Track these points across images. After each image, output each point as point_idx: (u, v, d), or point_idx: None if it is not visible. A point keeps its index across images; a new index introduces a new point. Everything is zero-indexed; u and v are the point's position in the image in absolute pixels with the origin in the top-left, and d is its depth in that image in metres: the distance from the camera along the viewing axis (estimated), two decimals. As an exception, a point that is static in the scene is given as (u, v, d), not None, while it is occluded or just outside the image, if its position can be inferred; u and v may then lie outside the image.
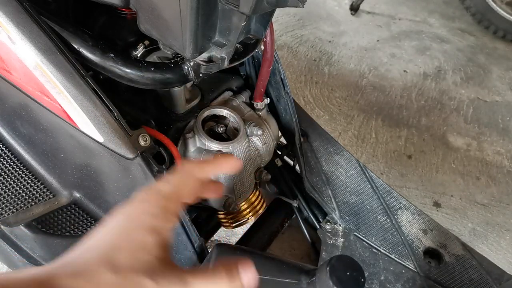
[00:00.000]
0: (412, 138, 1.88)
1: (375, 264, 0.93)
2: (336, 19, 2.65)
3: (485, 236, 1.52)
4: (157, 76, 0.68)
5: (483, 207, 1.62)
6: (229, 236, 1.34)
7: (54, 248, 0.74)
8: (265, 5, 0.52)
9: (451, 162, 1.79)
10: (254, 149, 0.93)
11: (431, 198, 1.63)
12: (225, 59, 0.66)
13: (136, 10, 0.62)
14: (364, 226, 0.98)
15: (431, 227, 0.97)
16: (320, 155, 1.06)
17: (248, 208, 0.99)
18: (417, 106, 2.06)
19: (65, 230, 0.75)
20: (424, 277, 0.90)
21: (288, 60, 2.25)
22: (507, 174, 1.76)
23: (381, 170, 1.71)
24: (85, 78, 0.64)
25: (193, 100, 0.87)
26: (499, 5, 2.47)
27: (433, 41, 2.55)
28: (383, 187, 1.02)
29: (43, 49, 0.62)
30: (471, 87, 2.22)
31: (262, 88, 0.93)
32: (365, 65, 2.29)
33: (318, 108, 1.97)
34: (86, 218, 0.78)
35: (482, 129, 1.97)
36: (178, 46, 0.62)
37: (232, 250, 0.66)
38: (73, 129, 0.68)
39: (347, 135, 1.85)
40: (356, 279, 0.33)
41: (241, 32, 0.61)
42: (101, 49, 0.66)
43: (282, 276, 0.40)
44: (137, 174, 0.68)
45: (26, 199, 0.76)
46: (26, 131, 0.76)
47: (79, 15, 0.81)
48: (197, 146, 0.84)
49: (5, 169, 0.77)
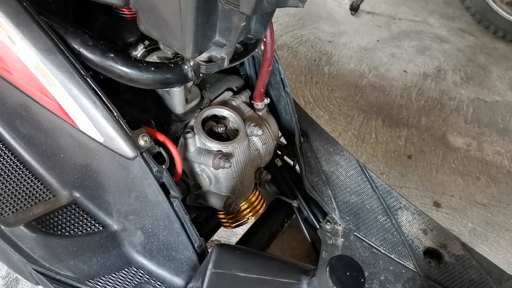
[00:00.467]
0: (412, 138, 1.88)
1: (375, 264, 0.93)
2: (336, 19, 2.65)
3: (485, 236, 1.52)
4: (157, 76, 0.68)
5: (483, 207, 1.62)
6: (229, 236, 1.34)
7: (54, 248, 0.74)
8: (265, 5, 0.52)
9: (451, 162, 1.79)
10: (254, 149, 0.93)
11: (431, 198, 1.63)
12: (225, 59, 0.66)
13: (136, 10, 0.62)
14: (364, 226, 0.98)
15: (431, 227, 0.97)
16: (320, 155, 1.06)
17: (248, 208, 0.99)
18: (417, 106, 2.06)
19: (65, 230, 0.75)
20: (424, 277, 0.90)
21: (288, 60, 2.25)
22: (507, 174, 1.76)
23: (381, 170, 1.71)
24: (85, 78, 0.64)
25: (193, 100, 0.87)
26: (499, 5, 2.47)
27: (433, 41, 2.55)
28: (383, 187, 1.02)
29: (43, 49, 0.62)
30: (471, 87, 2.22)
31: (262, 88, 0.93)
32: (365, 65, 2.29)
33: (318, 108, 1.97)
34: (86, 218, 0.78)
35: (482, 129, 1.97)
36: (178, 46, 0.62)
37: (232, 250, 0.65)
38: (73, 129, 0.68)
39: (347, 135, 1.85)
40: (356, 279, 0.33)
41: (241, 32, 0.61)
42: (101, 49, 0.66)
43: (282, 276, 0.40)
44: (137, 174, 0.68)
45: (26, 199, 0.76)
46: (26, 131, 0.76)
47: (79, 15, 0.81)
48: (197, 146, 0.84)
49: (5, 169, 0.78)
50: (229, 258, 0.62)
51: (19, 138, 0.78)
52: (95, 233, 0.77)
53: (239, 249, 0.65)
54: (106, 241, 0.78)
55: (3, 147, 0.78)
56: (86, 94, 0.63)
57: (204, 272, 0.62)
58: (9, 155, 0.78)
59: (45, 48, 0.62)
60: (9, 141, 0.78)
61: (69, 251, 0.76)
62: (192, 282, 0.71)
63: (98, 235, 0.77)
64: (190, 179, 0.88)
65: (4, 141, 0.78)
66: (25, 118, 0.74)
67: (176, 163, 0.76)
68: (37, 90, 0.67)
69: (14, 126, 0.77)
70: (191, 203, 0.91)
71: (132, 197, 0.73)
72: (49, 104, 0.67)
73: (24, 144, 0.78)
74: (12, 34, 0.62)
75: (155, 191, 0.69)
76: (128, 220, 0.77)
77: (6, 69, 0.68)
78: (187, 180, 0.88)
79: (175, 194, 0.70)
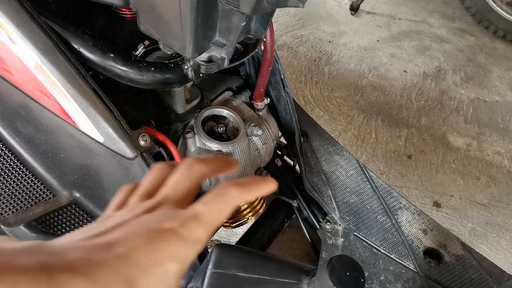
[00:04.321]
0: (412, 138, 1.88)
1: (375, 264, 0.93)
2: (336, 19, 2.65)
3: (485, 236, 1.53)
4: (157, 76, 0.68)
5: (483, 207, 1.62)
6: (229, 236, 1.34)
7: (54, 248, 0.74)
8: (265, 5, 0.52)
9: (451, 162, 1.79)
10: (254, 149, 0.93)
11: (431, 198, 1.63)
12: (225, 59, 0.66)
13: (136, 10, 0.62)
14: (364, 226, 0.98)
15: (431, 227, 0.97)
16: (320, 155, 1.06)
17: (248, 208, 0.99)
18: (417, 106, 2.06)
19: (65, 230, 0.75)
20: (424, 277, 0.90)
21: (288, 60, 2.25)
22: (507, 174, 1.76)
23: (381, 170, 1.71)
24: (85, 78, 0.64)
25: (193, 100, 0.87)
26: (499, 5, 2.47)
27: (433, 41, 2.56)
28: (383, 187, 1.02)
29: (43, 49, 0.62)
30: (471, 87, 2.22)
31: (262, 88, 0.93)
32: (365, 65, 2.29)
33: (318, 108, 1.97)
34: (86, 218, 0.78)
35: (482, 129, 1.97)
36: (178, 46, 0.62)
37: (232, 250, 0.65)
38: (73, 129, 0.68)
39: (347, 135, 1.85)
40: (356, 279, 0.33)
41: (241, 32, 0.61)
42: (101, 49, 0.66)
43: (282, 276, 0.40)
44: (137, 174, 0.68)
45: (26, 199, 0.76)
46: (26, 131, 0.76)
47: (79, 15, 0.81)
48: (197, 146, 0.84)
49: (5, 169, 0.78)
50: (229, 258, 0.62)
51: (19, 138, 0.78)
52: (95, 233, 0.77)
53: (239, 249, 0.65)
54: (106, 241, 0.78)
55: (3, 147, 0.78)
56: (86, 94, 0.63)
57: (204, 272, 0.62)
58: (9, 155, 0.78)
59: (45, 48, 0.62)
60: (9, 141, 0.78)
61: (69, 251, 0.75)
62: (192, 282, 0.71)
63: (98, 235, 0.77)
64: (190, 179, 0.88)
65: (4, 141, 0.79)
66: (25, 118, 0.74)
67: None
68: (37, 90, 0.67)
69: (14, 126, 0.77)
70: (191, 203, 0.91)
71: (132, 197, 0.73)
72: (49, 104, 0.67)
73: (24, 144, 0.78)
74: (12, 34, 0.62)
75: (155, 191, 0.69)
76: (128, 220, 0.76)
77: (6, 69, 0.68)
78: (187, 180, 0.88)
79: (175, 194, 0.70)
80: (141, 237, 0.28)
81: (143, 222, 0.30)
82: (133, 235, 0.28)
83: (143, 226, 0.29)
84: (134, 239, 0.28)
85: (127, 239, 0.28)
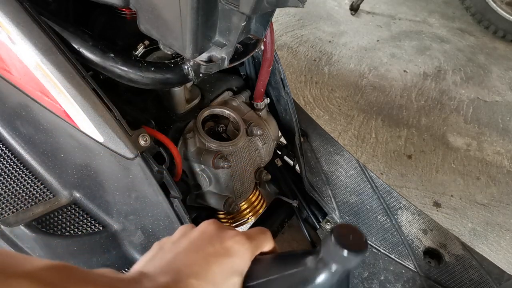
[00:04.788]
0: (412, 138, 1.88)
1: (375, 264, 0.93)
2: (336, 19, 2.65)
3: (485, 236, 1.53)
4: (157, 76, 0.68)
5: (483, 207, 1.62)
6: (229, 236, 1.34)
7: (54, 248, 0.74)
8: (265, 5, 0.52)
9: (451, 162, 1.79)
10: (254, 149, 0.93)
11: (431, 198, 1.63)
12: (225, 59, 0.66)
13: (136, 10, 0.62)
14: (364, 226, 0.98)
15: (431, 227, 0.97)
16: (320, 155, 1.06)
17: (248, 208, 0.99)
18: (417, 106, 2.06)
19: (65, 230, 0.75)
20: (424, 277, 0.90)
21: (288, 60, 2.25)
22: (507, 174, 1.76)
23: (381, 170, 1.71)
24: (85, 78, 0.64)
25: (193, 100, 0.87)
26: (499, 5, 2.47)
27: (433, 41, 2.56)
28: (383, 187, 1.02)
29: (43, 49, 0.62)
30: (471, 87, 2.22)
31: (262, 88, 0.93)
32: (365, 65, 2.29)
33: (318, 108, 1.97)
34: (86, 218, 0.78)
35: (482, 129, 1.97)
36: (178, 46, 0.62)
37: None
38: (73, 129, 0.68)
39: (347, 135, 1.85)
40: (360, 240, 0.35)
41: (241, 32, 0.61)
42: (101, 49, 0.66)
43: (288, 269, 0.39)
44: (137, 174, 0.68)
45: (26, 199, 0.76)
46: (26, 131, 0.76)
47: (79, 15, 0.81)
48: (197, 146, 0.84)
49: (5, 169, 0.78)
50: None
51: (19, 138, 0.78)
52: (95, 233, 0.77)
53: None
54: (106, 241, 0.78)
55: (3, 147, 0.78)
56: (86, 94, 0.63)
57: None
58: (9, 155, 0.78)
59: (45, 48, 0.62)
60: (9, 141, 0.78)
61: (69, 251, 0.76)
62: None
63: (98, 235, 0.77)
64: (190, 179, 0.88)
65: (4, 141, 0.78)
66: (25, 118, 0.74)
67: (176, 163, 0.76)
68: (37, 90, 0.67)
69: (14, 126, 0.77)
70: (191, 203, 0.91)
71: (132, 197, 0.73)
72: (49, 104, 0.67)
73: (24, 144, 0.78)
74: (12, 34, 0.62)
75: (155, 191, 0.69)
76: (128, 220, 0.77)
77: (6, 69, 0.68)
78: (187, 180, 0.88)
79: (175, 194, 0.70)
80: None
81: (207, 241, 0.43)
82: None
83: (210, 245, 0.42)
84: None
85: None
